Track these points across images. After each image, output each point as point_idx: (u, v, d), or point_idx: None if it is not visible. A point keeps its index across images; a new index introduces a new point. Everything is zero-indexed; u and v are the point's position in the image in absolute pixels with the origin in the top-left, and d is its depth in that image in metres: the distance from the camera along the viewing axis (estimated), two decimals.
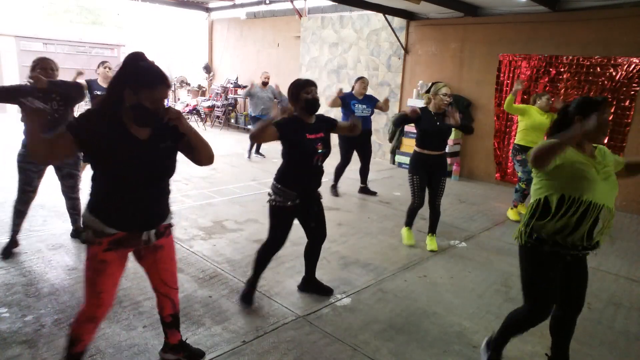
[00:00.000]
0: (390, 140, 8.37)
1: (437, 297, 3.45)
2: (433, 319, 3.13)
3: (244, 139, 9.79)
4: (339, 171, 6.21)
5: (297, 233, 4.59)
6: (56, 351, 2.53)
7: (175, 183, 6.27)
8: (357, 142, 5.99)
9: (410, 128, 8.14)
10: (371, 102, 6.11)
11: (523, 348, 2.85)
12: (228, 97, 11.71)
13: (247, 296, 3.19)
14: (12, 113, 13.81)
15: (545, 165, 2.13)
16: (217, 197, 5.78)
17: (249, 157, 8.32)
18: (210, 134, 11.03)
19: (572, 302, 2.38)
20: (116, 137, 1.90)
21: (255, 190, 6.13)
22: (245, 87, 11.29)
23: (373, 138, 8.91)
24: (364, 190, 6.37)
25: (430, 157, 4.21)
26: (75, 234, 4.12)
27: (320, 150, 3.00)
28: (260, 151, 8.53)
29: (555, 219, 2.19)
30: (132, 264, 3.66)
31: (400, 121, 4.22)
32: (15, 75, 13.96)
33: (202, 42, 12.76)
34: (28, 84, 3.58)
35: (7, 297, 3.08)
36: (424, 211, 5.63)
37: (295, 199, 2.99)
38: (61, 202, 4.13)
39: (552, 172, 2.18)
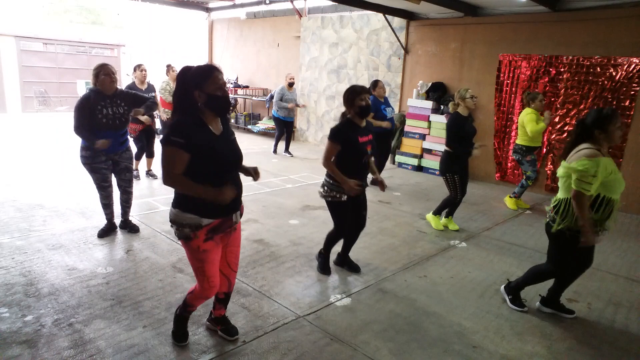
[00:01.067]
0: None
1: (437, 297, 3.45)
2: (433, 319, 3.13)
3: (244, 139, 9.80)
4: (380, 168, 6.62)
5: (297, 233, 4.61)
6: (56, 351, 2.53)
7: None
8: (384, 139, 6.42)
9: (410, 128, 8.15)
10: (389, 103, 6.52)
11: (523, 348, 2.85)
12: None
13: (326, 267, 3.73)
14: (12, 113, 13.82)
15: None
16: None
17: (275, 151, 8.89)
18: None
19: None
20: (204, 136, 2.20)
21: (255, 190, 6.13)
22: (245, 87, 11.31)
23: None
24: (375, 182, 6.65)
25: (467, 156, 4.64)
26: (124, 225, 4.42)
27: (369, 152, 3.37)
28: (290, 150, 8.92)
29: (593, 214, 2.81)
30: (131, 264, 3.68)
31: (456, 140, 4.58)
32: (15, 75, 13.97)
33: (202, 42, 12.76)
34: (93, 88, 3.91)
35: (7, 297, 3.08)
36: (425, 211, 5.65)
37: (346, 193, 3.34)
38: (62, 202, 4.14)
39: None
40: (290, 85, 8.56)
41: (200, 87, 2.18)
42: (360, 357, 2.66)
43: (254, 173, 2.57)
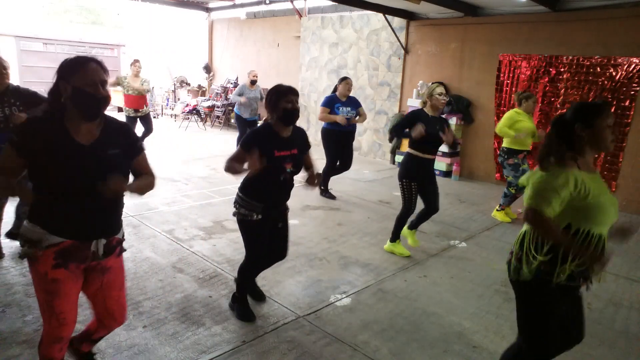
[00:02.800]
0: (390, 140, 8.37)
1: (437, 297, 3.45)
2: (433, 319, 3.13)
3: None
4: (327, 175, 5.96)
5: (297, 233, 4.61)
6: None
7: (175, 183, 6.27)
8: (342, 143, 5.87)
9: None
10: (355, 105, 5.89)
11: None
12: (228, 97, 11.70)
13: (247, 312, 2.99)
14: None
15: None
16: (217, 197, 5.78)
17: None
18: (210, 134, 11.04)
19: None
20: (56, 142, 1.76)
21: None
22: None
23: (373, 138, 8.95)
24: (324, 192, 6.01)
25: (429, 161, 4.02)
26: (12, 236, 3.87)
27: (288, 170, 2.72)
28: None
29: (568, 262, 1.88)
30: (131, 264, 3.68)
31: (400, 133, 4.04)
32: (15, 75, 13.96)
33: (202, 42, 12.76)
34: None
35: (7, 297, 3.08)
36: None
37: (260, 213, 2.74)
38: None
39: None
40: (253, 82, 7.97)
41: (66, 78, 1.75)
42: (360, 357, 2.66)
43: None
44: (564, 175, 1.85)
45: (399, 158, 8.38)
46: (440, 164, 7.70)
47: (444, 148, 7.60)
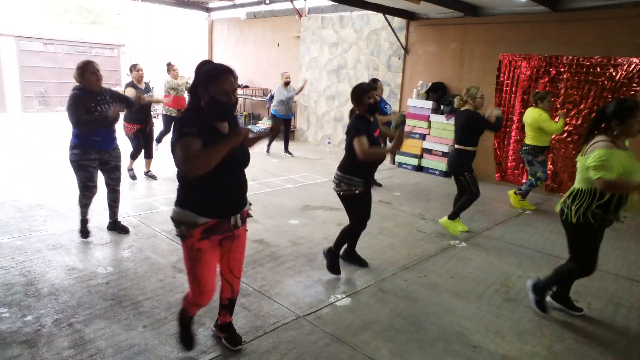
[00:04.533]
0: (391, 140, 8.36)
1: (437, 297, 3.45)
2: (433, 319, 3.13)
3: None
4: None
5: (297, 233, 4.61)
6: (56, 351, 2.53)
7: (176, 183, 6.25)
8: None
9: (410, 128, 8.13)
10: (385, 101, 6.68)
11: (523, 348, 2.85)
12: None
13: (336, 266, 3.70)
14: (12, 113, 13.82)
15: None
16: None
17: (268, 151, 8.77)
18: None
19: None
20: (209, 133, 2.12)
21: (255, 190, 6.13)
22: (245, 87, 11.30)
23: None
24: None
25: (475, 152, 4.74)
26: (113, 227, 4.37)
27: (381, 144, 3.57)
28: (289, 150, 8.89)
29: (609, 202, 2.81)
30: (131, 264, 3.68)
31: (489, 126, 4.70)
32: (15, 75, 13.97)
33: (202, 42, 12.75)
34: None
35: (7, 297, 3.08)
36: (425, 212, 5.65)
37: (361, 186, 3.48)
38: (62, 202, 4.13)
39: None
40: (287, 84, 8.56)
41: (205, 87, 2.13)
42: (360, 357, 2.66)
43: (269, 131, 2.65)
44: (611, 154, 2.71)
45: (399, 158, 8.38)
46: (441, 164, 7.71)
47: (443, 148, 7.64)
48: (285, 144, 8.89)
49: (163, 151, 8.07)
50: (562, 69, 6.45)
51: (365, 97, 3.37)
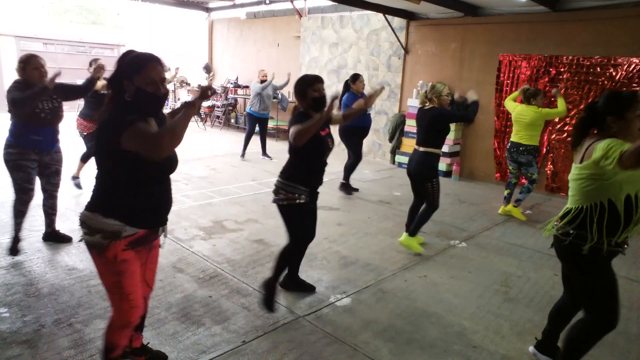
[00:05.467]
0: (390, 140, 8.37)
1: (437, 297, 3.45)
2: (433, 319, 3.13)
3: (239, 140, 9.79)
4: (351, 169, 6.29)
5: None
6: (56, 351, 2.53)
7: (175, 183, 6.27)
8: (361, 137, 6.23)
9: (410, 128, 8.14)
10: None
11: (523, 348, 2.85)
12: (228, 97, 11.71)
13: (270, 301, 3.06)
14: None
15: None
16: (217, 197, 5.78)
17: (243, 155, 8.17)
18: (210, 134, 11.03)
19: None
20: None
21: (255, 190, 6.13)
22: (246, 87, 11.30)
23: (373, 138, 8.95)
24: (346, 186, 6.29)
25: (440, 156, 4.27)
26: (50, 237, 3.99)
27: (330, 146, 3.03)
28: (267, 152, 8.35)
29: (628, 222, 2.15)
30: None
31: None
32: (15, 75, 13.97)
33: (202, 42, 12.76)
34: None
35: (7, 297, 3.08)
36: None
37: (306, 196, 2.98)
38: (61, 202, 4.12)
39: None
40: (262, 82, 8.14)
41: (130, 78, 1.87)
42: (360, 357, 2.66)
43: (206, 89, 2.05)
44: (619, 142, 2.05)
45: (399, 158, 8.38)
46: (440, 164, 7.68)
47: (443, 148, 7.63)
48: (263, 147, 8.34)
49: None
50: (562, 69, 6.45)
51: (310, 89, 2.96)
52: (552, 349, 2.64)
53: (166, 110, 7.31)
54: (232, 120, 11.88)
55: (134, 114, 1.87)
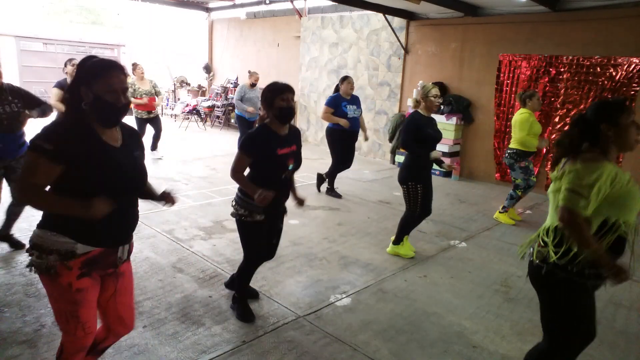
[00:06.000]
0: (390, 140, 8.37)
1: (437, 297, 3.45)
2: (433, 319, 3.13)
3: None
4: (333, 174, 6.05)
5: (297, 233, 4.61)
6: (56, 351, 2.53)
7: (176, 183, 6.27)
8: (346, 142, 5.88)
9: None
10: (358, 102, 5.94)
11: (523, 348, 2.85)
12: (228, 97, 11.71)
13: (247, 313, 2.99)
14: None
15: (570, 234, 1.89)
16: (217, 197, 5.78)
17: None
18: (210, 134, 11.04)
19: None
20: (90, 146, 1.73)
21: None
22: None
23: (373, 138, 8.95)
24: (330, 191, 6.12)
25: (430, 163, 3.95)
26: (3, 239, 3.84)
27: (290, 167, 2.77)
28: None
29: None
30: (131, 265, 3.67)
31: (417, 149, 3.88)
32: (15, 75, 13.97)
33: (202, 42, 12.76)
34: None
35: (7, 297, 3.08)
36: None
37: (261, 213, 2.76)
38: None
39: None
40: (253, 85, 7.78)
41: (88, 84, 1.73)
42: (360, 357, 2.66)
43: (166, 197, 2.09)
44: (598, 170, 1.84)
45: (399, 158, 8.38)
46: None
47: (443, 148, 7.63)
48: None
49: (161, 150, 8.06)
50: (562, 69, 6.45)
51: (278, 98, 2.67)
52: None
53: (168, 112, 7.27)
54: (232, 120, 11.87)
55: (88, 125, 1.76)
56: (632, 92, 5.90)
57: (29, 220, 4.14)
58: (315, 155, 8.92)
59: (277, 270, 3.74)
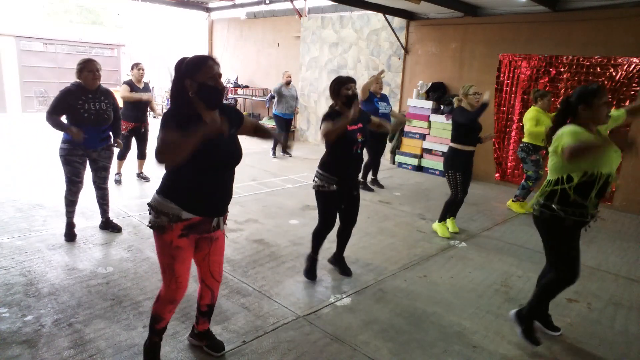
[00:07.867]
0: (391, 140, 8.37)
1: (437, 297, 3.45)
2: (433, 319, 3.13)
3: (244, 139, 9.78)
4: (368, 168, 6.54)
5: (297, 233, 4.61)
6: (56, 351, 2.53)
7: None
8: (379, 139, 6.33)
9: (410, 128, 8.15)
10: (387, 100, 6.39)
11: (523, 348, 2.85)
12: (228, 97, 11.70)
13: (311, 271, 3.59)
14: (12, 113, 13.82)
15: (579, 162, 2.47)
16: None
17: (274, 155, 8.53)
18: None
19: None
20: (196, 127, 2.00)
21: (255, 190, 6.13)
22: (246, 87, 11.31)
23: None
24: (375, 182, 6.79)
25: (471, 152, 4.56)
26: (105, 225, 4.38)
27: (360, 140, 3.36)
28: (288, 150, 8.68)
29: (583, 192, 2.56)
30: (131, 264, 3.68)
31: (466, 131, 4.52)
32: (15, 75, 13.97)
33: (202, 42, 12.75)
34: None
35: (7, 297, 3.08)
36: (425, 212, 5.65)
37: (336, 184, 3.34)
38: (62, 202, 4.12)
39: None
40: (288, 83, 8.47)
41: (191, 76, 2.09)
42: (360, 357, 2.66)
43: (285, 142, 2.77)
44: (578, 134, 2.51)
45: (399, 158, 8.38)
46: (440, 164, 7.70)
47: (443, 148, 7.63)
48: (275, 146, 8.65)
49: None
50: (562, 69, 6.45)
51: (343, 88, 3.33)
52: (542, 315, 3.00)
53: None
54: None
55: (194, 111, 2.11)
56: (632, 92, 5.90)
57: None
58: (316, 156, 8.91)
59: (277, 270, 3.74)
